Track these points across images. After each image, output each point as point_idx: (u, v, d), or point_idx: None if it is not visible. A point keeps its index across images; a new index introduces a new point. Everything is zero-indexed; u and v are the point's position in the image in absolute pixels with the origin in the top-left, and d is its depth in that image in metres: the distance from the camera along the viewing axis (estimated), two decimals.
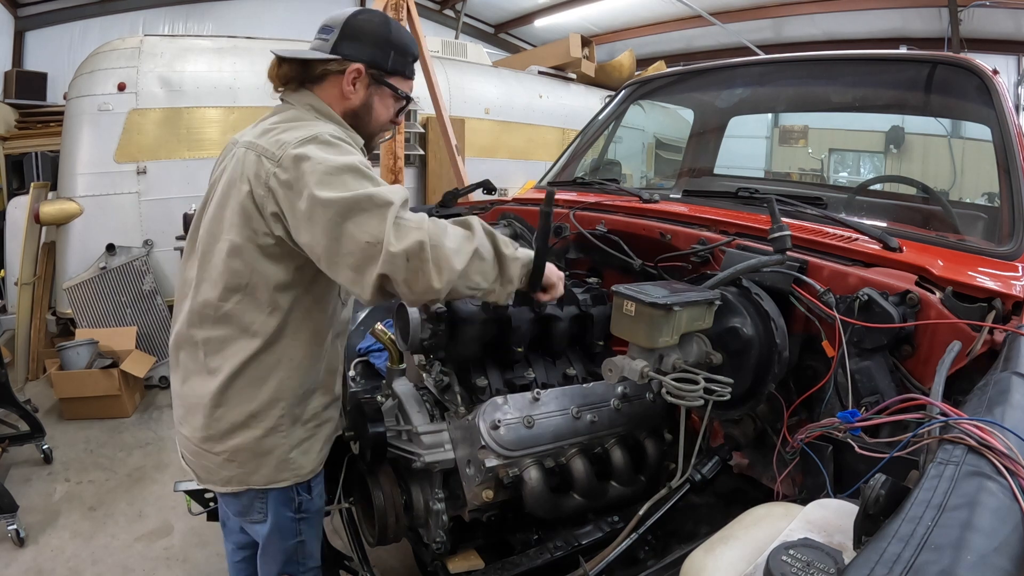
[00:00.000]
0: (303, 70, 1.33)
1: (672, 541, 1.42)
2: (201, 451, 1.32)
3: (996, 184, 1.68)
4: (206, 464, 1.34)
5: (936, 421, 0.81)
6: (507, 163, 6.62)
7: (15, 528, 2.61)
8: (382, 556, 2.31)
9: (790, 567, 0.68)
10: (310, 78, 1.33)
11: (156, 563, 2.55)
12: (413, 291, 1.10)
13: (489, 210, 2.42)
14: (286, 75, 1.35)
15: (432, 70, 4.51)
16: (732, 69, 2.56)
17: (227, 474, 1.32)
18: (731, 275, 1.33)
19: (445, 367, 1.55)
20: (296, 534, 1.40)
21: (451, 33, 10.24)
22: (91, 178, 4.29)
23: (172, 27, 8.16)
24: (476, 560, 1.54)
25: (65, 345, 3.89)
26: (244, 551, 1.61)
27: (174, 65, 4.49)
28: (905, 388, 1.20)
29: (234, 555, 1.65)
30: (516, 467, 1.39)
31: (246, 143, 1.25)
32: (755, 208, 1.76)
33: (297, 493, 1.37)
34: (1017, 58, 8.60)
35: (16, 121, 5.78)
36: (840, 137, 8.53)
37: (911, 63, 2.13)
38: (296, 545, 1.41)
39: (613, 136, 2.95)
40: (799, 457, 1.20)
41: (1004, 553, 0.57)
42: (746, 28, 9.44)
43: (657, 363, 1.21)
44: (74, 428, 3.74)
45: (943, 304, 1.20)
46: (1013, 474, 0.68)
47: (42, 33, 7.40)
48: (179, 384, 1.35)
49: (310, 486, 1.39)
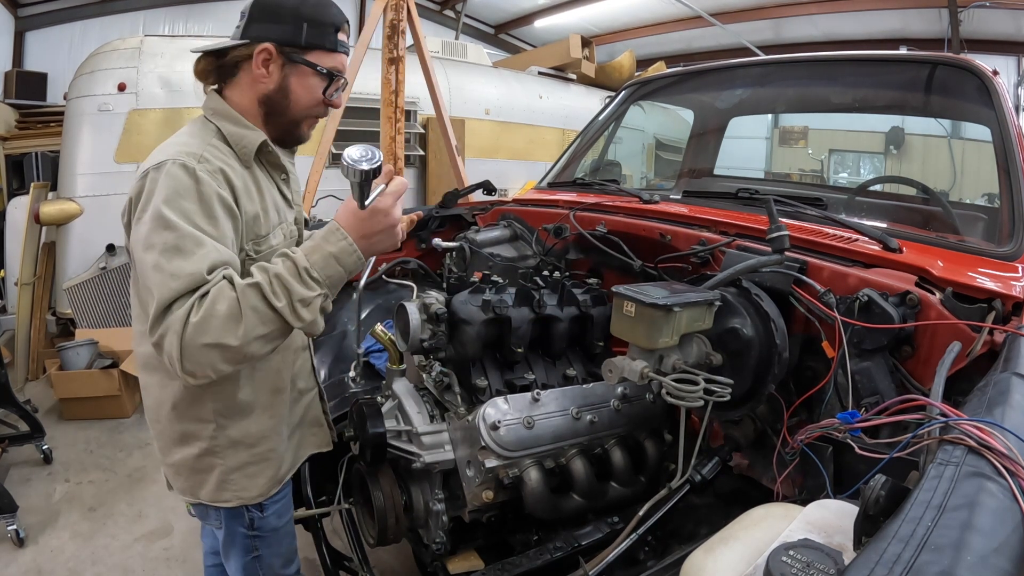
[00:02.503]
0: (218, 62, 1.24)
1: (672, 542, 1.42)
2: (160, 459, 1.35)
3: (996, 185, 1.68)
4: (165, 471, 1.37)
5: (936, 422, 0.81)
6: (507, 164, 6.62)
7: (15, 528, 2.61)
8: (382, 557, 2.31)
9: (790, 568, 0.68)
10: (226, 70, 1.24)
11: (156, 563, 2.55)
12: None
13: (489, 211, 2.42)
14: (205, 71, 1.26)
15: (432, 71, 4.52)
16: (732, 70, 2.57)
17: (179, 484, 1.33)
18: (730, 275, 1.33)
19: (445, 368, 1.55)
20: (250, 550, 1.37)
21: (451, 33, 10.24)
22: (91, 178, 4.29)
23: (172, 27, 8.18)
24: (476, 561, 1.54)
25: (65, 345, 3.89)
26: (216, 557, 1.57)
27: (174, 65, 4.48)
28: (905, 389, 1.20)
29: (207, 559, 1.66)
30: (516, 468, 1.39)
31: None
32: (755, 209, 1.76)
33: (247, 510, 1.34)
34: (1017, 59, 8.61)
35: (16, 121, 5.78)
36: (840, 138, 8.53)
37: (911, 64, 2.14)
38: (252, 562, 1.38)
39: (613, 137, 2.95)
40: (799, 458, 1.20)
41: (1004, 554, 0.57)
42: (746, 29, 9.44)
43: (657, 364, 1.21)
44: (74, 428, 3.74)
45: (943, 305, 1.20)
46: (1013, 475, 0.68)
47: (42, 33, 7.41)
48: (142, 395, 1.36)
49: (262, 506, 1.35)
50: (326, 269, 1.07)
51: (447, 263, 2.29)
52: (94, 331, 4.13)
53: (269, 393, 1.33)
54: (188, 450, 1.27)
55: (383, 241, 1.13)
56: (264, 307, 1.02)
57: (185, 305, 1.00)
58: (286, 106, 1.25)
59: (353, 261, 1.10)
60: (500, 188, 3.04)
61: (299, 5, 1.20)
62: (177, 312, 1.00)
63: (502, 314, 1.48)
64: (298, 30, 1.19)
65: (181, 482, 1.32)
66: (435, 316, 1.46)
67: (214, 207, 1.10)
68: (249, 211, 1.20)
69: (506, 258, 2.10)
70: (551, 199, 2.26)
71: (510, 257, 2.12)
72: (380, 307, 2.23)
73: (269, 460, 1.34)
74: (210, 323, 0.99)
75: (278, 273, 1.04)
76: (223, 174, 1.15)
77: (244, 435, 1.29)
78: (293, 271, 1.05)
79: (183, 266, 1.02)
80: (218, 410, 1.25)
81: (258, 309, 1.01)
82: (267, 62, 1.20)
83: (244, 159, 1.23)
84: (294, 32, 1.19)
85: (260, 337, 1.03)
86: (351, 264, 1.10)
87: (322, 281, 1.07)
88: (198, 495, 1.31)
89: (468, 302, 1.48)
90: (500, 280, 1.66)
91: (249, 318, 1.00)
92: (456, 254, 2.23)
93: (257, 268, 1.07)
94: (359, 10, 9.94)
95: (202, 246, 1.04)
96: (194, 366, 1.00)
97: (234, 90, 1.25)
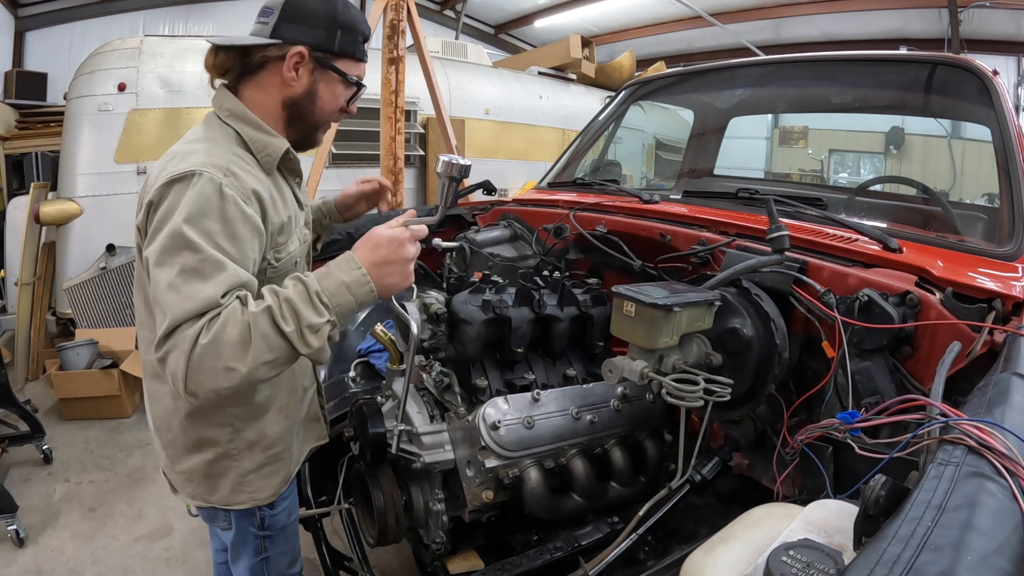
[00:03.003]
0: (242, 59, 1.20)
1: (672, 542, 1.42)
2: (168, 466, 1.33)
3: (996, 185, 1.69)
4: (173, 478, 1.35)
5: (936, 422, 0.81)
6: (507, 163, 6.62)
7: (15, 528, 2.61)
8: (382, 557, 2.31)
9: (790, 568, 0.68)
10: (249, 68, 1.20)
11: (156, 563, 2.54)
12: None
13: (489, 211, 2.43)
14: (223, 65, 1.21)
15: (432, 71, 4.52)
16: (732, 70, 2.57)
17: (190, 490, 1.32)
18: (730, 275, 1.33)
19: (445, 367, 1.55)
20: (260, 551, 1.37)
21: (451, 33, 10.24)
22: (91, 178, 4.29)
23: (172, 27, 8.17)
24: (476, 561, 1.54)
25: (65, 345, 3.89)
26: (226, 554, 1.59)
27: (174, 65, 4.48)
28: (905, 389, 1.20)
29: (217, 556, 1.66)
30: (516, 468, 1.39)
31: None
32: (755, 209, 1.76)
33: (259, 509, 1.34)
34: (1017, 59, 8.61)
35: (16, 121, 5.78)
36: (840, 138, 8.54)
37: (911, 64, 2.14)
38: (260, 563, 1.38)
39: (613, 137, 2.95)
40: (799, 458, 1.20)
41: (1004, 554, 0.57)
42: (746, 29, 9.44)
43: (657, 364, 1.21)
44: (74, 428, 3.74)
45: (943, 305, 1.20)
46: (1013, 475, 0.68)
47: (42, 33, 7.41)
48: (147, 403, 1.34)
49: (273, 503, 1.36)
50: (336, 296, 1.05)
51: (447, 263, 2.29)
52: (94, 331, 4.13)
53: (286, 395, 1.33)
54: (202, 456, 1.26)
55: (395, 273, 1.11)
56: (273, 332, 1.00)
57: (196, 326, 0.98)
58: (311, 111, 1.24)
59: (365, 293, 1.08)
60: (500, 188, 3.04)
61: (335, 11, 1.19)
62: (187, 332, 0.98)
63: (502, 314, 1.48)
64: (332, 36, 1.18)
65: (192, 488, 1.31)
66: (435, 316, 1.46)
67: (237, 227, 1.07)
68: (275, 222, 1.19)
69: (506, 258, 2.10)
70: (551, 199, 2.26)
71: (510, 257, 2.12)
72: (380, 307, 2.23)
73: (282, 460, 1.34)
74: (219, 347, 0.98)
75: (288, 297, 1.03)
76: (254, 192, 1.12)
77: (260, 436, 1.29)
78: (304, 295, 1.03)
79: (200, 289, 1.00)
80: (236, 414, 1.25)
81: (267, 336, 1.00)
82: (298, 65, 1.18)
83: (267, 167, 1.21)
84: (328, 38, 1.18)
85: (267, 363, 1.01)
86: (362, 295, 1.08)
87: (331, 308, 1.05)
88: (210, 500, 1.30)
89: (468, 302, 1.48)
90: (500, 280, 1.66)
91: (257, 344, 0.99)
92: (456, 254, 2.23)
93: (268, 291, 1.05)
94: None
95: (222, 270, 1.02)
96: (197, 387, 0.99)
97: (256, 90, 1.21)
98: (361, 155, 5.42)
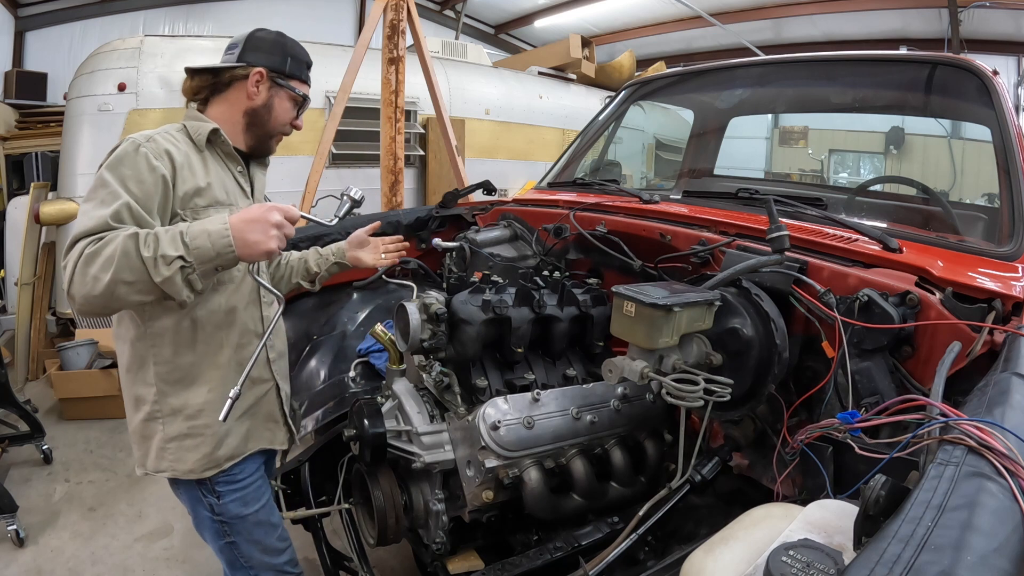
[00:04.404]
0: (214, 79, 1.49)
1: (672, 542, 1.42)
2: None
3: (996, 185, 1.68)
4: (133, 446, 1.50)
5: (936, 422, 0.81)
6: (507, 164, 6.62)
7: (15, 528, 2.61)
8: (382, 557, 2.31)
9: (790, 568, 0.68)
10: (218, 87, 1.49)
11: (156, 563, 2.55)
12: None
13: (489, 211, 2.43)
14: (197, 87, 1.50)
15: (432, 71, 4.51)
16: (732, 70, 2.57)
17: (137, 455, 1.47)
18: (730, 275, 1.33)
19: (445, 367, 1.55)
20: (222, 535, 1.49)
21: (451, 33, 10.25)
22: (91, 178, 4.27)
23: (172, 27, 8.17)
24: (476, 561, 1.54)
25: (65, 345, 3.89)
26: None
27: (174, 65, 4.48)
28: (905, 389, 1.20)
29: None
30: (516, 468, 1.39)
31: None
32: (755, 209, 1.76)
33: (203, 494, 1.46)
34: (1017, 59, 8.61)
35: (16, 121, 5.79)
36: (840, 138, 8.53)
37: (911, 64, 2.14)
38: (227, 546, 1.50)
39: (613, 137, 2.95)
40: (799, 458, 1.20)
41: (1004, 554, 0.57)
42: (746, 29, 9.45)
43: (657, 364, 1.21)
44: (74, 428, 3.74)
45: (943, 305, 1.20)
46: (1013, 475, 0.68)
47: (42, 33, 7.41)
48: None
49: (216, 492, 1.46)
50: (196, 240, 1.20)
51: (447, 263, 2.29)
52: (94, 331, 4.13)
53: (210, 367, 1.45)
54: (138, 415, 1.43)
55: (255, 231, 1.23)
56: (135, 254, 1.17)
57: (87, 240, 1.20)
58: (267, 120, 1.53)
59: (224, 244, 1.21)
60: (500, 188, 3.04)
61: (285, 44, 1.53)
62: (80, 244, 1.20)
63: (502, 314, 1.48)
64: (284, 62, 1.51)
65: (136, 451, 1.46)
66: (435, 316, 1.46)
67: (144, 174, 1.29)
68: (189, 182, 1.38)
69: (506, 258, 2.10)
70: (551, 199, 2.26)
71: (510, 257, 2.12)
72: (380, 307, 2.23)
73: (204, 436, 1.44)
74: (95, 258, 1.17)
75: (156, 232, 1.21)
76: (167, 152, 1.34)
77: (183, 405, 1.42)
78: (171, 233, 1.20)
79: (100, 213, 1.22)
80: (159, 374, 1.40)
81: (128, 254, 1.16)
82: (259, 83, 1.48)
83: (198, 143, 1.45)
84: (281, 63, 1.50)
85: (127, 283, 1.17)
86: (221, 246, 1.21)
87: (190, 248, 1.19)
88: (145, 464, 1.45)
89: (468, 302, 1.48)
90: (500, 280, 1.66)
91: (119, 261, 1.16)
92: (456, 254, 2.23)
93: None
94: (359, 10, 9.94)
95: (119, 199, 1.24)
96: (75, 290, 1.19)
97: (223, 104, 1.50)
98: (361, 155, 5.42)
